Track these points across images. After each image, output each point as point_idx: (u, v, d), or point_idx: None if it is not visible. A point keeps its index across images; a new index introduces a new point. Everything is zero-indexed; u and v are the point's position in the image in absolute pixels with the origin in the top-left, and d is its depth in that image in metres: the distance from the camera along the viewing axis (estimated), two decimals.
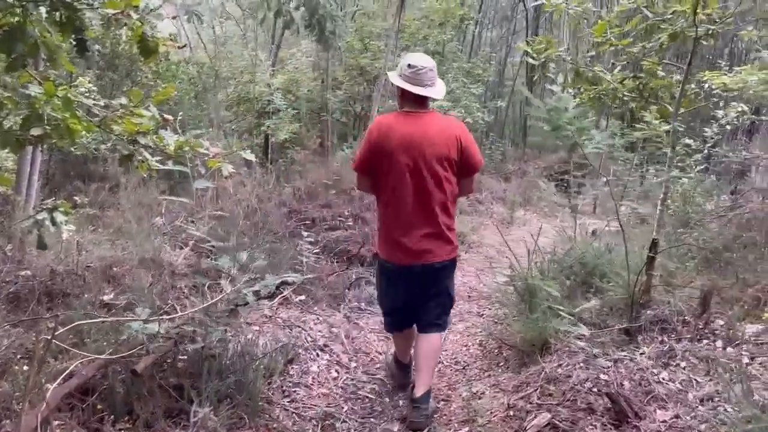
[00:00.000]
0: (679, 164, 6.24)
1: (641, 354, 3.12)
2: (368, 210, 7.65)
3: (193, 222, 6.69)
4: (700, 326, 3.18)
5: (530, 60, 4.72)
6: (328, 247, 6.20)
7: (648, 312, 3.45)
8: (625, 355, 3.09)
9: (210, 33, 14.20)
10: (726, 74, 4.51)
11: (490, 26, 16.55)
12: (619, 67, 4.18)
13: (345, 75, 11.25)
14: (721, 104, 5.48)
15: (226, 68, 11.92)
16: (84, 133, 3.26)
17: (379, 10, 11.56)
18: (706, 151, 5.76)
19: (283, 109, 9.91)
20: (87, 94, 7.56)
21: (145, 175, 3.70)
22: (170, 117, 3.40)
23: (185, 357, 3.25)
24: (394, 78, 3.15)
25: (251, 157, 3.53)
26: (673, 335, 3.22)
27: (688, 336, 3.14)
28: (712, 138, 5.55)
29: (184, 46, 9.43)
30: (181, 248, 5.82)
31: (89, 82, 7.93)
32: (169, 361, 3.22)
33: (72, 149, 8.35)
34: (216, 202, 6.98)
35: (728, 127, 5.48)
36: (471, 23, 12.44)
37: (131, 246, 5.28)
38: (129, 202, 6.86)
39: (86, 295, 4.25)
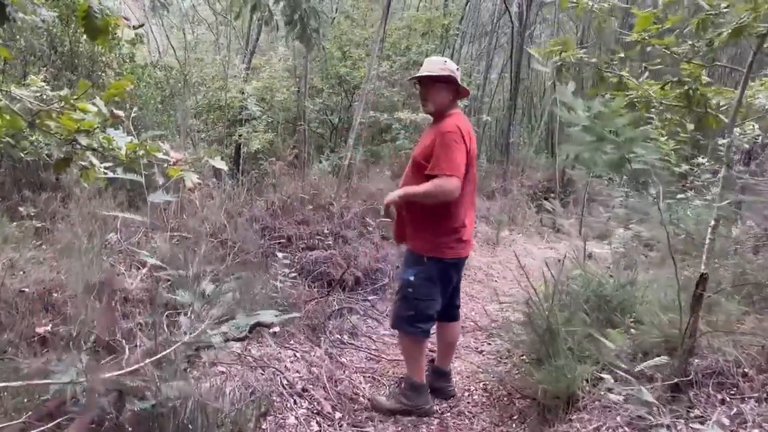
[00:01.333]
0: (687, 185, 5.78)
1: (697, 417, 2.54)
2: (348, 228, 7.02)
3: (153, 239, 5.97)
4: None
5: (539, 66, 4.19)
6: (306, 269, 5.54)
7: (696, 361, 2.88)
8: (680, 418, 2.51)
9: (181, 37, 13.45)
10: None
11: (470, 40, 16.15)
12: (646, 73, 3.65)
13: (324, 83, 10.65)
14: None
15: (197, 74, 11.22)
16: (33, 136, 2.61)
17: (359, 18, 11.01)
18: (724, 171, 5.27)
19: (256, 117, 9.25)
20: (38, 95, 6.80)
21: (100, 185, 3.03)
22: (120, 113, 2.74)
23: (131, 416, 2.56)
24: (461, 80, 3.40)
25: (222, 165, 2.91)
26: (734, 393, 2.65)
27: (755, 395, 2.57)
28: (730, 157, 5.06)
29: (141, 26, 8.66)
30: (138, 269, 5.10)
31: (44, 81, 7.14)
32: (109, 423, 2.52)
33: (22, 154, 7.55)
34: (180, 216, 6.26)
35: (746, 145, 5.02)
36: (457, 34, 11.99)
37: (77, 267, 4.54)
38: (81, 215, 6.11)
39: (17, 327, 3.53)
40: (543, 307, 3.48)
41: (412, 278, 3.44)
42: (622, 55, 3.43)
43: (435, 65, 3.35)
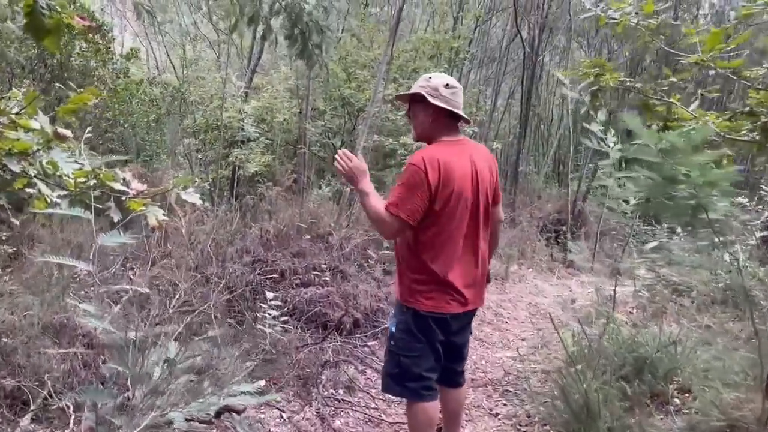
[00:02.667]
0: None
1: None
2: (348, 261, 6.47)
3: (133, 269, 5.42)
4: None
5: (567, 92, 3.68)
6: (299, 309, 4.98)
7: None
8: None
9: (182, 55, 13.05)
10: None
11: (479, 65, 15.75)
12: (696, 102, 3.13)
13: (326, 105, 10.19)
14: None
15: (195, 92, 10.77)
16: None
17: (366, 38, 10.58)
18: None
19: (254, 138, 8.76)
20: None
21: None
22: (67, 132, 2.20)
23: None
24: (434, 101, 2.70)
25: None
26: None
27: None
28: None
29: (101, 26, 8.17)
30: (110, 306, 4.53)
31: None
32: None
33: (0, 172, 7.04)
34: (164, 244, 5.72)
35: None
36: (466, 57, 11.57)
37: (38, 304, 3.98)
38: (54, 241, 5.57)
39: None
40: (575, 374, 2.91)
41: (393, 329, 2.88)
42: (674, 79, 2.92)
43: (417, 82, 2.80)
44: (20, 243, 5.79)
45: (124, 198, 2.30)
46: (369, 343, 4.99)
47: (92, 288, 4.59)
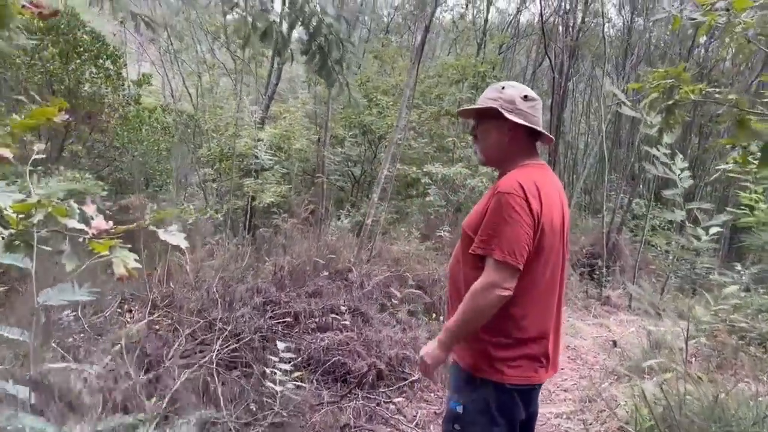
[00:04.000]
0: None
1: None
2: (370, 300, 5.87)
3: (131, 310, 4.86)
4: None
5: (627, 111, 3.11)
6: (315, 359, 4.37)
7: None
8: None
9: (198, 82, 12.74)
10: None
11: None
12: None
13: (346, 132, 9.72)
14: None
15: (210, 120, 10.38)
16: None
17: (387, 62, 10.15)
18: None
19: (269, 167, 8.27)
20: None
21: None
22: (6, 152, 1.67)
23: None
24: (511, 116, 2.14)
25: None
26: None
27: None
28: None
29: (55, 13, 7.76)
30: (91, 364, 3.97)
31: None
32: None
33: None
34: (167, 283, 5.17)
35: None
36: (493, 83, 11.08)
37: (9, 358, 3.42)
38: (47, 278, 5.04)
39: None
40: None
41: (459, 409, 2.21)
42: None
43: (486, 94, 2.23)
44: (11, 281, 5.29)
45: (82, 239, 1.74)
46: (395, 400, 4.35)
47: (81, 335, 4.04)
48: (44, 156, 2.10)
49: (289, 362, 3.74)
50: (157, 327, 4.63)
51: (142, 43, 14.05)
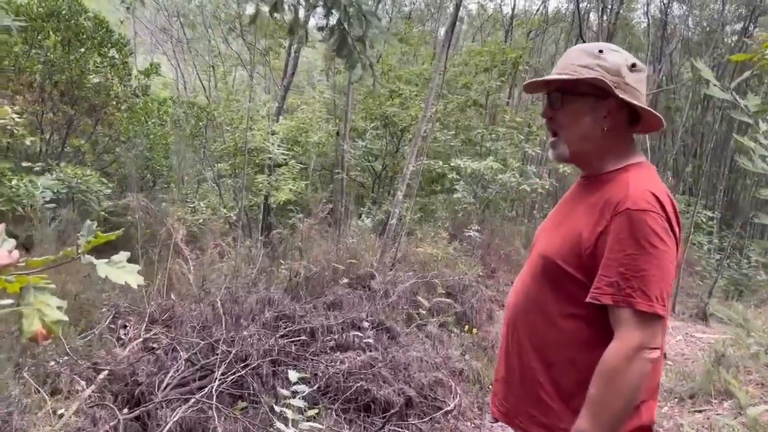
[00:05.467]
0: None
1: None
2: (396, 310, 5.26)
3: (126, 327, 4.29)
4: None
5: (716, 92, 2.45)
6: (333, 387, 3.75)
7: None
8: None
9: (210, 72, 12.18)
10: None
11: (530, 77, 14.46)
12: None
13: (367, 123, 9.09)
14: None
15: (224, 113, 9.80)
16: None
17: (411, 48, 9.50)
18: None
19: (282, 162, 7.69)
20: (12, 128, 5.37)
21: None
22: None
23: None
24: (622, 93, 1.47)
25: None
26: None
27: None
28: None
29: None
30: (90, 380, 3.39)
31: (18, 113, 5.67)
32: None
33: None
34: (167, 295, 4.60)
35: None
36: (526, 70, 10.35)
37: None
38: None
39: None
40: None
41: None
42: None
43: (573, 59, 1.54)
44: None
45: None
46: None
47: (63, 360, 3.46)
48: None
49: (304, 395, 3.13)
50: (155, 346, 4.06)
51: (153, 33, 13.55)
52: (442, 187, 9.54)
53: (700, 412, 4.58)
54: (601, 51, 1.52)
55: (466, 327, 5.56)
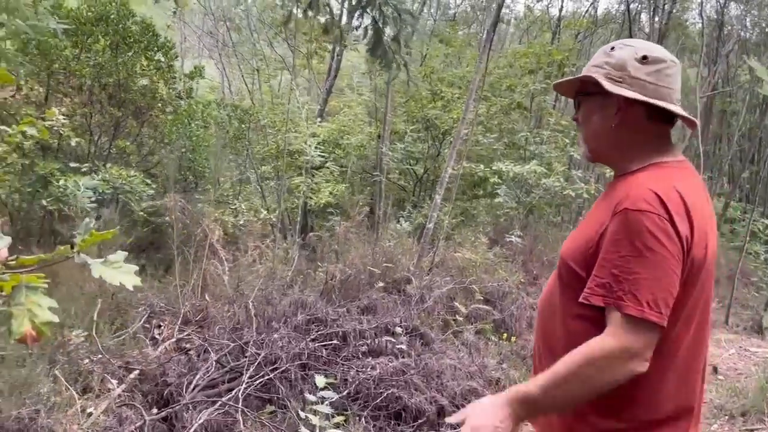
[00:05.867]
0: None
1: None
2: (431, 317, 5.16)
3: (159, 327, 4.31)
4: None
5: None
6: (363, 393, 3.67)
7: None
8: None
9: (254, 75, 12.32)
10: None
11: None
12: None
13: (407, 126, 9.01)
14: None
15: (268, 116, 9.88)
16: None
17: (454, 50, 9.38)
18: None
19: (320, 164, 7.69)
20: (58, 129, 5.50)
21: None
22: None
23: None
24: (617, 88, 1.42)
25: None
26: None
27: None
28: None
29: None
30: (120, 380, 3.41)
31: (65, 115, 5.81)
32: None
33: (45, 202, 6.26)
34: (202, 295, 4.61)
35: None
36: (573, 72, 10.08)
37: (6, 389, 2.88)
38: (72, 279, 4.54)
39: None
40: None
41: None
42: None
43: (591, 60, 1.53)
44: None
45: None
46: None
47: (96, 358, 3.49)
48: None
49: (331, 401, 3.07)
50: (187, 346, 4.07)
51: (201, 37, 13.82)
52: (483, 191, 9.37)
53: (752, 431, 4.32)
54: (612, 48, 1.49)
55: (505, 335, 5.40)
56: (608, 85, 1.41)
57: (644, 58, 1.42)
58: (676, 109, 1.41)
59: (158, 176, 8.10)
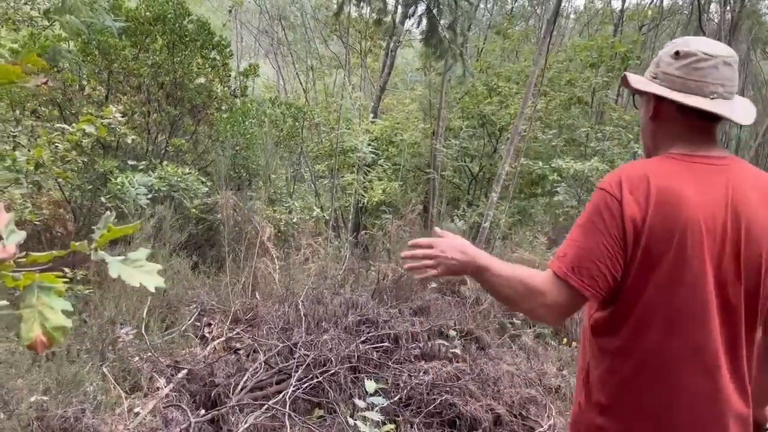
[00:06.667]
0: None
1: None
2: (487, 320, 4.95)
3: (209, 325, 4.27)
4: None
5: None
6: (415, 399, 3.51)
7: None
8: None
9: (319, 78, 12.31)
10: None
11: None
12: None
13: (463, 122, 8.78)
14: None
15: (322, 113, 9.84)
16: None
17: (511, 43, 9.09)
18: None
19: (371, 161, 7.57)
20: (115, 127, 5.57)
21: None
22: None
23: None
24: (646, 84, 1.49)
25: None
26: None
27: None
28: None
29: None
30: (169, 379, 3.36)
31: (122, 113, 5.86)
32: None
33: (104, 199, 6.37)
34: (252, 293, 4.55)
35: None
36: (638, 64, 9.60)
37: (54, 386, 2.86)
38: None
39: None
40: None
41: None
42: None
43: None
44: (96, 283, 4.89)
45: None
46: None
47: (146, 356, 3.45)
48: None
49: (381, 406, 2.92)
50: (237, 345, 4.01)
51: (257, 37, 13.93)
52: (542, 189, 9.04)
53: None
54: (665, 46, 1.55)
55: (565, 339, 5.13)
56: (635, 81, 1.50)
57: (677, 53, 1.44)
58: (695, 101, 1.39)
59: (213, 174, 8.16)
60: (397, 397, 3.45)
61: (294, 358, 3.48)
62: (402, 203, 7.13)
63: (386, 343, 3.98)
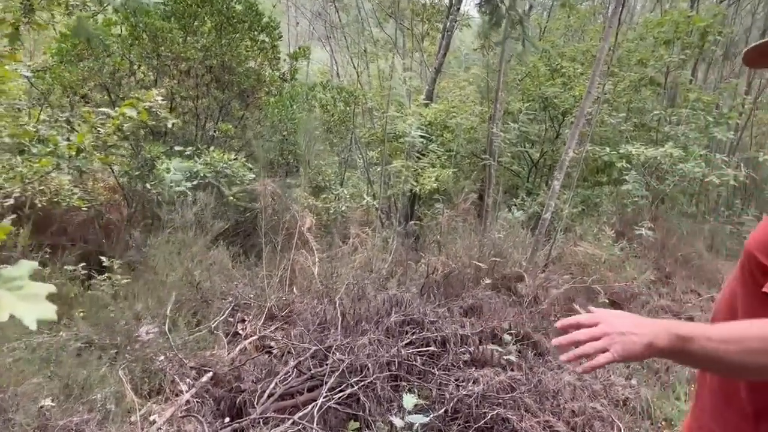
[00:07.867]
0: None
1: None
2: (546, 321, 4.49)
3: (243, 321, 3.99)
4: None
5: None
6: (463, 412, 3.12)
7: None
8: None
9: (374, 62, 11.96)
10: None
11: (723, 58, 12.36)
12: None
13: (523, 105, 8.24)
14: None
15: (374, 98, 9.49)
16: None
17: (577, 19, 8.45)
18: None
19: (422, 147, 7.16)
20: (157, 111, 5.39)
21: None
22: None
23: None
24: None
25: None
26: None
27: None
28: None
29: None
30: (192, 382, 3.10)
31: (180, 98, 5.68)
32: None
33: (149, 185, 6.24)
34: (289, 287, 4.26)
35: None
36: (718, 41, 8.75)
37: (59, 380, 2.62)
38: (160, 263, 4.33)
39: None
40: None
41: None
42: None
43: None
44: (132, 275, 4.70)
45: None
46: None
47: (172, 357, 3.20)
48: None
49: (424, 422, 2.56)
50: (271, 345, 3.72)
51: (311, 21, 13.67)
52: (608, 177, 8.40)
53: None
54: None
55: None
56: None
57: None
58: None
59: (262, 160, 7.96)
60: (442, 410, 3.07)
61: (327, 364, 3.16)
62: (455, 191, 6.70)
63: (432, 347, 3.60)
